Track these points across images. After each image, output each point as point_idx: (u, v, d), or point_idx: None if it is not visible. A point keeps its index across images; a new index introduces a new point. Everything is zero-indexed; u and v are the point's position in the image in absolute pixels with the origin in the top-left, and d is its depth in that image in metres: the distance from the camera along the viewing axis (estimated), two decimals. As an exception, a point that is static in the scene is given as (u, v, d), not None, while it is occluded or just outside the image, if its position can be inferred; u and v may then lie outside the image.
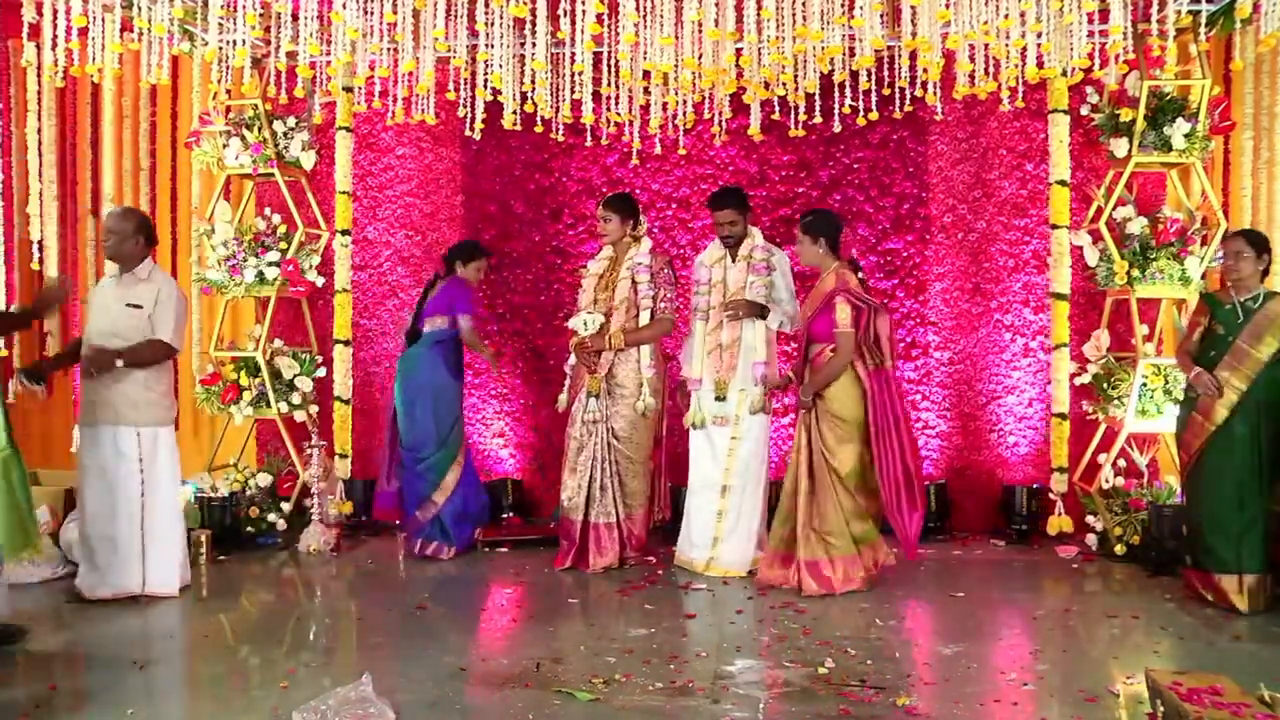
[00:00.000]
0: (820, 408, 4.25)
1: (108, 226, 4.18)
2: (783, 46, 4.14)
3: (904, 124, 5.60)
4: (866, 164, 5.89)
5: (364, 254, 6.13)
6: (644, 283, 4.71)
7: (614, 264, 4.80)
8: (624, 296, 4.72)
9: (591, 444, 4.67)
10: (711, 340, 4.68)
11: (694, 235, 6.03)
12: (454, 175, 6.20)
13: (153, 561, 4.09)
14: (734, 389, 4.61)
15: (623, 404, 4.68)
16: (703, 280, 4.78)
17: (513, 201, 6.19)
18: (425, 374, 4.92)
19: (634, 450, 4.70)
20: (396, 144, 6.16)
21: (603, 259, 4.86)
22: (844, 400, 4.22)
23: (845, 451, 4.21)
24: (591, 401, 4.66)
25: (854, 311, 4.17)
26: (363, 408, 6.06)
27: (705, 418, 4.64)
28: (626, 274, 4.72)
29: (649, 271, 4.71)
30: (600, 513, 4.66)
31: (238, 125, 5.64)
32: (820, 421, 4.25)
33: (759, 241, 4.72)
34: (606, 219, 4.78)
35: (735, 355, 4.60)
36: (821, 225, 4.37)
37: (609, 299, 4.71)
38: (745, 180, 5.89)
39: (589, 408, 4.67)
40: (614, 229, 4.77)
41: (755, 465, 4.64)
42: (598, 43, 4.11)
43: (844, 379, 4.22)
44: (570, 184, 6.14)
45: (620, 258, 4.79)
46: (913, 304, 5.90)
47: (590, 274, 4.84)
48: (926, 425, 5.88)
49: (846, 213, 5.89)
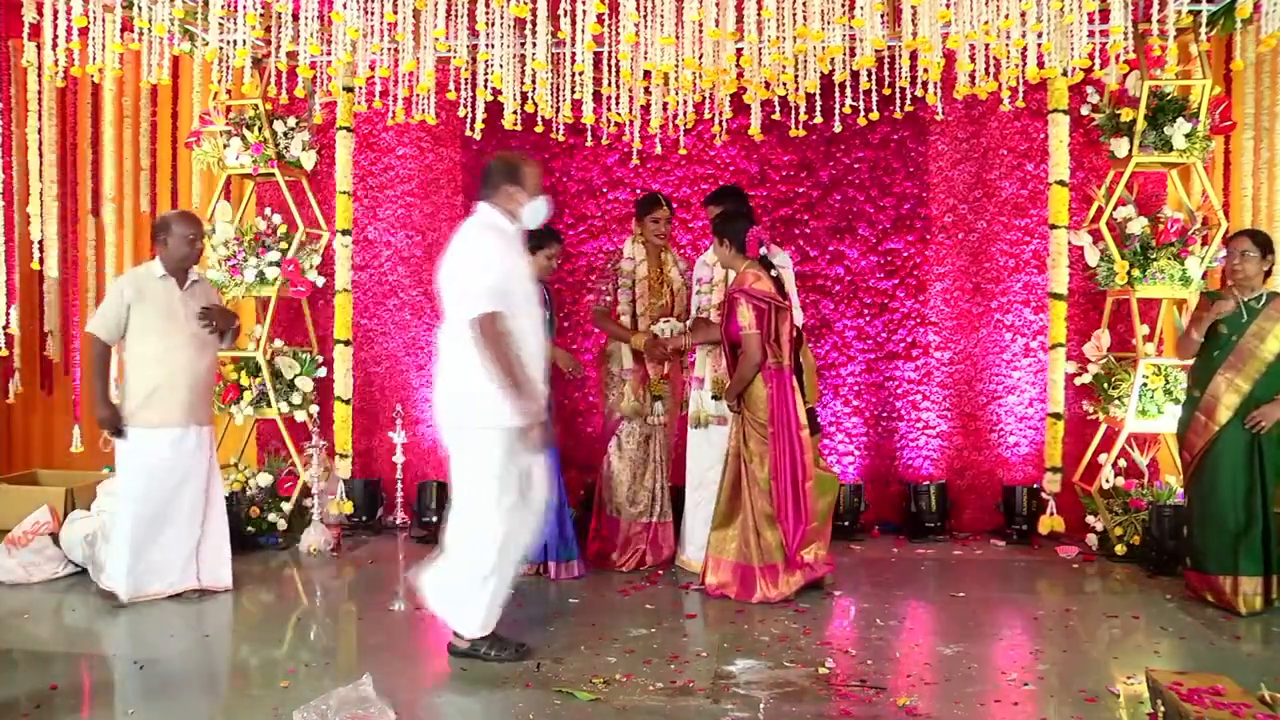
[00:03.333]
0: (745, 413, 4.21)
1: (196, 232, 4.17)
2: (783, 46, 4.13)
3: (904, 124, 5.62)
4: (867, 164, 5.88)
5: (364, 254, 6.12)
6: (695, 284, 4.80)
7: (651, 265, 4.77)
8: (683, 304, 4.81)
9: (652, 445, 4.72)
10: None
11: (694, 235, 6.03)
12: (454, 175, 6.19)
13: (209, 557, 4.23)
14: None
15: (670, 402, 4.80)
16: (704, 279, 4.77)
17: None
18: None
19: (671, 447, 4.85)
20: (397, 144, 6.15)
21: (641, 261, 4.77)
22: (758, 404, 4.17)
23: (764, 456, 4.16)
24: (658, 404, 4.73)
25: (755, 312, 4.08)
26: (363, 407, 6.06)
27: (707, 416, 4.62)
28: (680, 280, 4.82)
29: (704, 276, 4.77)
30: (661, 513, 4.75)
31: (238, 125, 5.63)
32: (745, 425, 4.21)
33: None
34: (666, 219, 4.78)
35: None
36: (724, 226, 4.27)
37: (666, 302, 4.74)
38: (746, 180, 5.88)
39: (657, 410, 4.73)
40: (668, 230, 4.83)
41: None
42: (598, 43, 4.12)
43: (757, 381, 4.16)
44: (571, 184, 6.13)
45: (657, 260, 4.79)
46: (913, 304, 5.89)
47: (639, 278, 4.75)
48: (927, 425, 5.87)
49: (847, 212, 5.90)
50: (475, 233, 3.29)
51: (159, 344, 4.09)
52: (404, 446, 5.64)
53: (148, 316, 4.10)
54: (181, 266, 4.19)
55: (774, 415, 4.14)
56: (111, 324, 4.09)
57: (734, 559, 4.20)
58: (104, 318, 4.10)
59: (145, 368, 4.08)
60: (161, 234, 4.16)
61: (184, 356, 4.14)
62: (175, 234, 4.14)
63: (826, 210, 5.91)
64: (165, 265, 4.17)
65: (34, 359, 6.19)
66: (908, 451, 5.88)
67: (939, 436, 5.85)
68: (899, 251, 5.91)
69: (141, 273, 4.20)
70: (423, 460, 6.07)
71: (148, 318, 4.09)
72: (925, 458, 5.86)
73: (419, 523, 5.69)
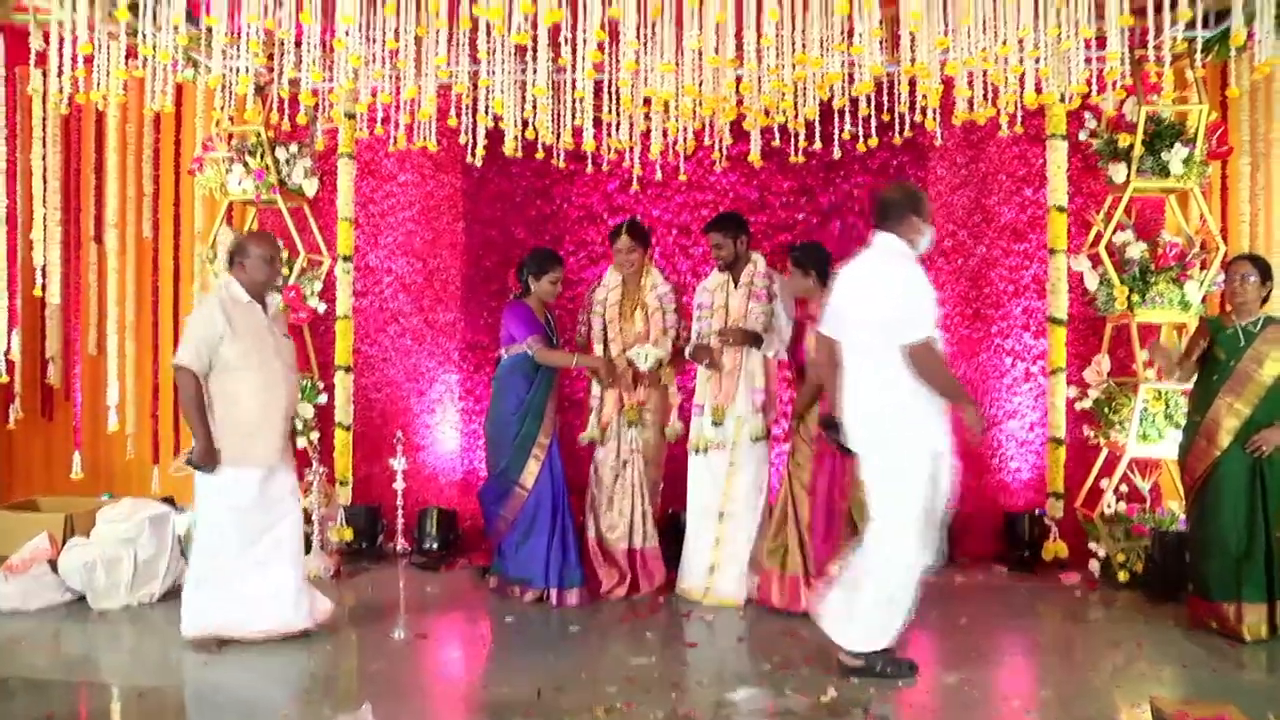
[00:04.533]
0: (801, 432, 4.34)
1: (273, 252, 3.95)
2: (782, 74, 4.14)
3: (904, 149, 5.59)
4: (867, 189, 5.82)
5: (365, 280, 6.07)
6: (670, 311, 4.82)
7: (628, 292, 4.82)
8: (660, 327, 4.79)
9: (629, 472, 4.72)
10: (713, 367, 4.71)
11: (694, 261, 6.02)
12: (455, 202, 6.21)
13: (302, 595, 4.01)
14: (732, 415, 4.59)
15: (652, 430, 4.76)
16: (705, 305, 4.79)
17: (514, 228, 6.18)
18: None
19: (656, 474, 4.79)
20: (398, 170, 6.12)
21: (612, 287, 4.84)
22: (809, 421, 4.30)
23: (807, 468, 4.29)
24: (632, 431, 4.72)
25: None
26: (364, 434, 6.00)
27: (706, 442, 4.63)
28: (656, 303, 4.79)
29: (673, 299, 4.84)
30: (642, 538, 4.71)
31: (240, 152, 5.64)
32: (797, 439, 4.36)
33: (761, 268, 4.72)
34: (631, 249, 4.77)
35: (735, 382, 4.60)
36: (804, 258, 4.40)
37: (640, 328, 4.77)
38: (745, 206, 5.87)
39: (631, 438, 4.72)
40: (638, 259, 4.80)
41: (754, 494, 4.60)
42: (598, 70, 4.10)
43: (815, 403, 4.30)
44: (571, 210, 6.13)
45: (635, 286, 4.82)
46: None
47: (610, 304, 4.82)
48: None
49: (848, 239, 5.81)
50: (897, 261, 3.41)
51: (257, 378, 3.81)
52: (404, 473, 5.58)
53: (244, 347, 3.79)
54: (262, 290, 3.95)
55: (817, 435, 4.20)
56: (205, 356, 3.76)
57: (783, 569, 4.28)
58: (196, 348, 3.75)
59: (242, 403, 3.79)
60: (239, 256, 3.92)
61: (282, 391, 3.89)
62: (253, 255, 3.88)
63: (826, 236, 5.84)
64: (247, 289, 3.90)
65: (35, 385, 6.15)
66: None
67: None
68: None
69: (226, 297, 3.87)
70: (423, 487, 6.01)
71: (244, 348, 3.79)
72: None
73: (419, 549, 5.61)
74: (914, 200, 3.50)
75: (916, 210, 3.48)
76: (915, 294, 3.32)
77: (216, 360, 3.77)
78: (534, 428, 4.60)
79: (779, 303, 4.69)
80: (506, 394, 4.66)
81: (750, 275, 4.70)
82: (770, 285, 4.69)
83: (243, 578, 3.84)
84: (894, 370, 3.30)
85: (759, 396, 4.60)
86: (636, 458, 4.74)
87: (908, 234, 3.47)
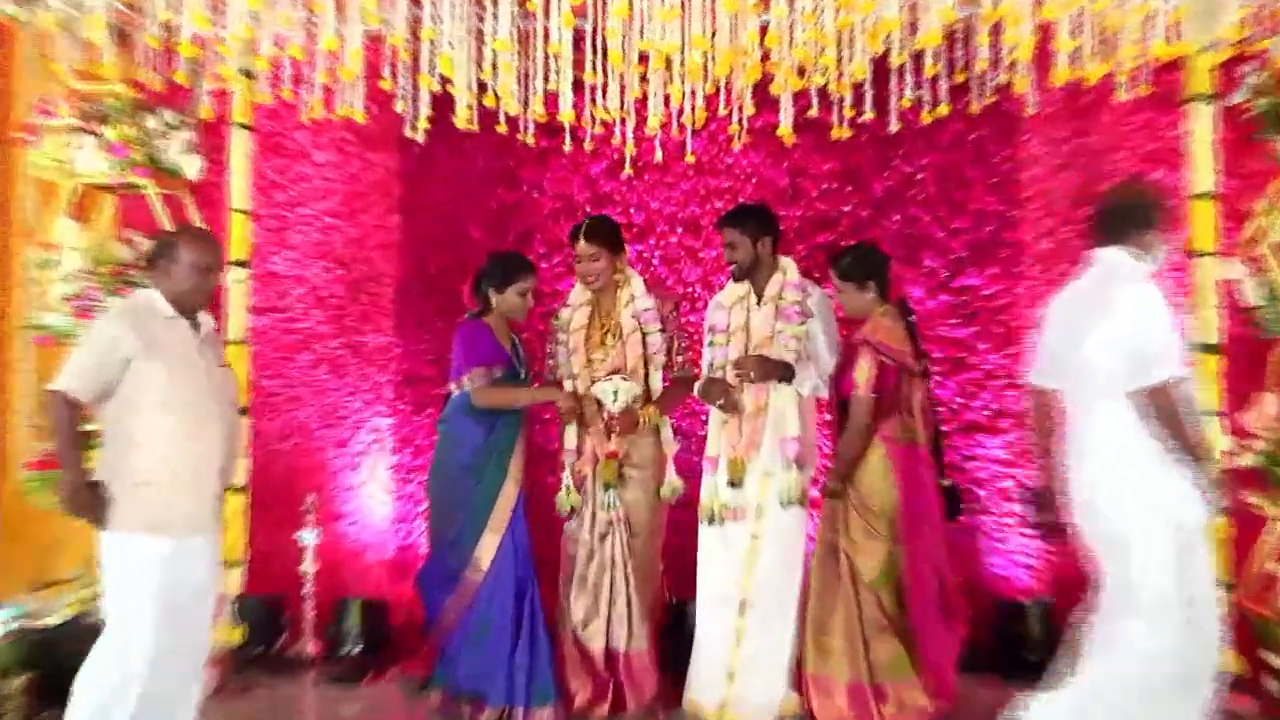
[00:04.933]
0: (851, 496, 4.39)
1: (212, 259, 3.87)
2: (822, 20, 4.07)
3: (984, 120, 5.57)
4: (935, 173, 5.91)
5: (267, 293, 5.98)
6: (654, 333, 4.80)
7: (599, 312, 4.88)
8: (638, 354, 4.77)
9: (608, 547, 4.73)
10: None
11: (706, 268, 6.10)
12: (389, 189, 6.28)
13: None
14: (755, 472, 4.60)
15: (640, 489, 4.76)
16: (719, 327, 4.82)
17: (467, 224, 6.26)
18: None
19: (652, 549, 4.81)
20: (313, 147, 6.13)
21: (580, 306, 4.91)
22: (875, 485, 4.34)
23: (874, 549, 4.33)
24: (610, 495, 4.73)
25: (878, 370, 4.27)
26: (263, 498, 5.84)
27: (722, 508, 4.63)
28: (632, 324, 4.79)
29: (658, 317, 4.82)
30: (626, 637, 4.70)
31: (92, 119, 5.45)
32: (848, 511, 4.40)
33: (792, 277, 4.73)
34: (594, 256, 4.77)
35: (760, 428, 4.60)
36: (865, 265, 4.48)
37: (615, 358, 4.80)
38: (774, 195, 5.92)
39: (606, 502, 4.73)
40: (603, 268, 4.79)
41: (785, 575, 4.60)
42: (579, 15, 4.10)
43: (874, 457, 4.34)
44: (544, 200, 6.20)
45: (610, 303, 4.86)
46: (998, 359, 5.83)
47: (574, 328, 4.87)
48: (1024, 521, 5.72)
49: (909, 237, 5.97)
50: (1130, 283, 3.56)
51: (182, 420, 3.70)
52: (317, 551, 5.56)
53: (163, 377, 3.67)
54: (192, 305, 3.84)
55: (907, 507, 4.29)
56: (99, 383, 3.63)
57: (842, 677, 4.33)
58: (85, 372, 3.63)
59: (156, 452, 3.68)
60: (163, 259, 3.81)
61: (215, 439, 3.80)
62: (182, 262, 3.78)
63: (881, 235, 5.90)
64: (171, 302, 3.79)
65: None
66: (997, 556, 5.81)
67: (1040, 538, 5.61)
68: (978, 289, 5.92)
69: (140, 307, 3.78)
70: (343, 570, 6.01)
71: (163, 379, 3.67)
72: (1022, 566, 5.77)
73: (335, 654, 5.59)
74: (1149, 206, 3.69)
75: (1152, 218, 3.65)
76: (1158, 323, 3.45)
77: (120, 390, 3.64)
78: (494, 488, 4.61)
79: (817, 322, 4.70)
80: (457, 442, 4.68)
81: (778, 287, 4.70)
82: (805, 300, 4.69)
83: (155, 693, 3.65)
84: (1134, 423, 3.45)
85: (791, 447, 4.57)
86: (619, 529, 4.73)
87: (1142, 246, 3.63)
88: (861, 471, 4.37)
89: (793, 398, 4.61)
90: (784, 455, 4.57)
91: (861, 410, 4.29)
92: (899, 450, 4.34)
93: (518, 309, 4.73)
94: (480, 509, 4.61)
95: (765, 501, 4.59)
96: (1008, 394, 5.83)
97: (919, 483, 4.36)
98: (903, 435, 4.36)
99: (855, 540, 4.35)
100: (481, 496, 4.61)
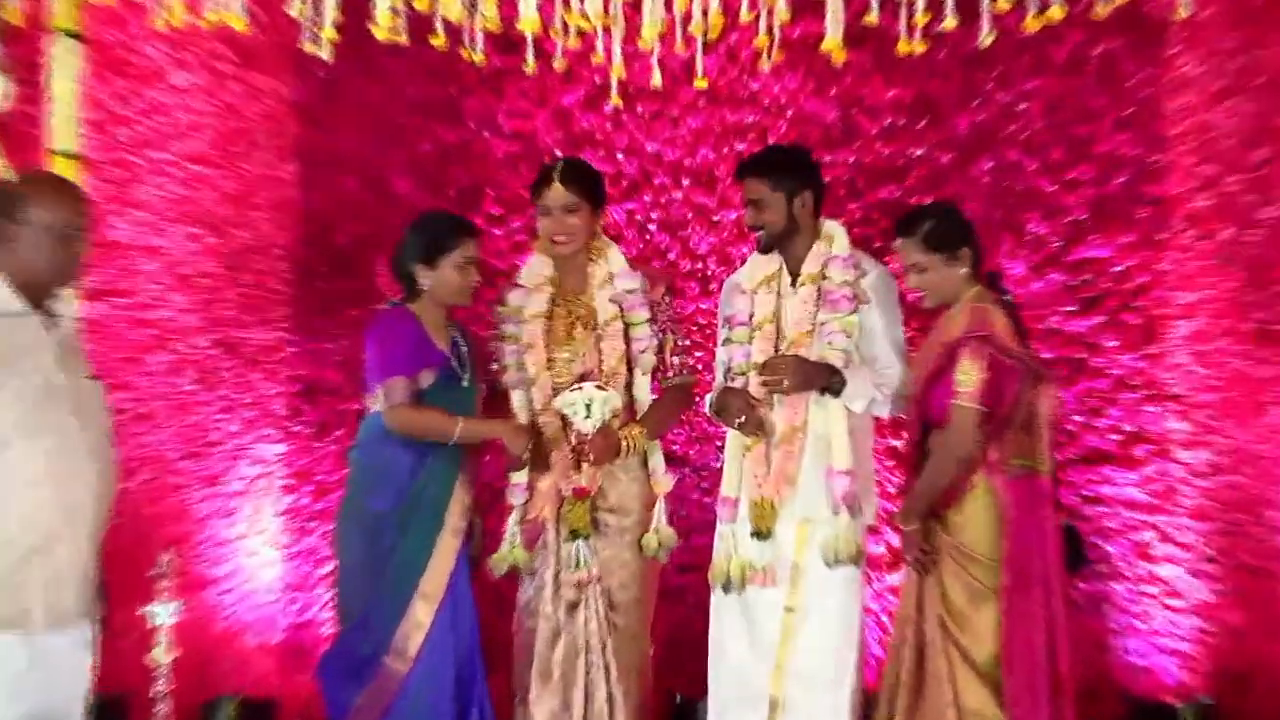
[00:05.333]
0: (942, 541, 4.25)
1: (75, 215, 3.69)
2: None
3: (1114, 26, 5.39)
4: (1043, 104, 5.78)
5: (106, 269, 5.79)
6: (640, 324, 4.67)
7: (564, 295, 4.79)
8: (619, 353, 4.64)
9: (579, 625, 4.60)
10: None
11: (721, 237, 6.05)
12: (281, 126, 6.21)
13: None
14: (789, 519, 4.44)
15: (620, 543, 4.65)
16: (740, 317, 4.66)
17: (391, 175, 6.19)
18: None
19: (640, 626, 4.70)
20: (172, 66, 5.95)
21: (539, 287, 4.78)
22: (981, 527, 4.21)
23: (984, 618, 4.19)
24: (579, 548, 4.57)
25: (989, 373, 4.13)
26: (103, 559, 5.58)
27: (743, 569, 4.46)
28: (611, 310, 4.69)
29: (646, 302, 4.70)
30: None
31: None
32: (946, 564, 4.27)
33: (840, 249, 4.55)
34: (571, 208, 4.63)
35: (795, 457, 4.44)
36: (957, 230, 4.38)
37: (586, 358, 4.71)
38: (818, 135, 5.86)
39: (576, 559, 4.59)
40: (581, 226, 4.65)
41: (833, 664, 4.45)
42: None
43: (979, 490, 4.21)
44: (498, 142, 6.13)
45: (578, 282, 4.77)
46: (1135, 361, 5.73)
47: (530, 315, 4.72)
48: (1170, 589, 5.68)
49: (1006, 193, 5.82)
50: None
51: (37, 454, 3.54)
52: (176, 631, 5.35)
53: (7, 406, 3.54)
54: (46, 287, 3.68)
55: (1014, 550, 4.14)
56: None
57: None
58: None
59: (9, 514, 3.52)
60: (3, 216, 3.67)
61: (86, 479, 3.63)
62: (32, 222, 3.60)
63: (968, 189, 5.82)
64: (18, 285, 3.64)
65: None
66: (1133, 638, 5.69)
67: (1194, 612, 5.60)
68: (1105, 264, 5.77)
69: None
70: (213, 656, 5.93)
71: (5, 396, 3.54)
72: (1169, 651, 5.63)
73: None
74: None
75: None
76: None
77: None
78: (426, 541, 4.50)
79: (875, 311, 4.54)
80: (377, 479, 4.56)
81: (821, 262, 4.53)
82: (858, 280, 4.51)
83: None
84: None
85: (840, 483, 4.36)
86: (594, 599, 4.60)
87: None
88: (960, 510, 4.22)
89: (841, 415, 4.43)
90: (831, 495, 4.37)
91: (966, 425, 4.12)
92: (1013, 483, 4.17)
93: (456, 290, 4.55)
94: (407, 571, 4.48)
95: (805, 560, 4.45)
96: (1146, 410, 5.72)
97: (1036, 525, 4.20)
98: (1019, 463, 4.20)
99: (958, 609, 4.18)
100: (409, 553, 4.49)
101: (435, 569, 4.49)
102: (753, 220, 4.57)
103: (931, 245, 4.33)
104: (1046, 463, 4.28)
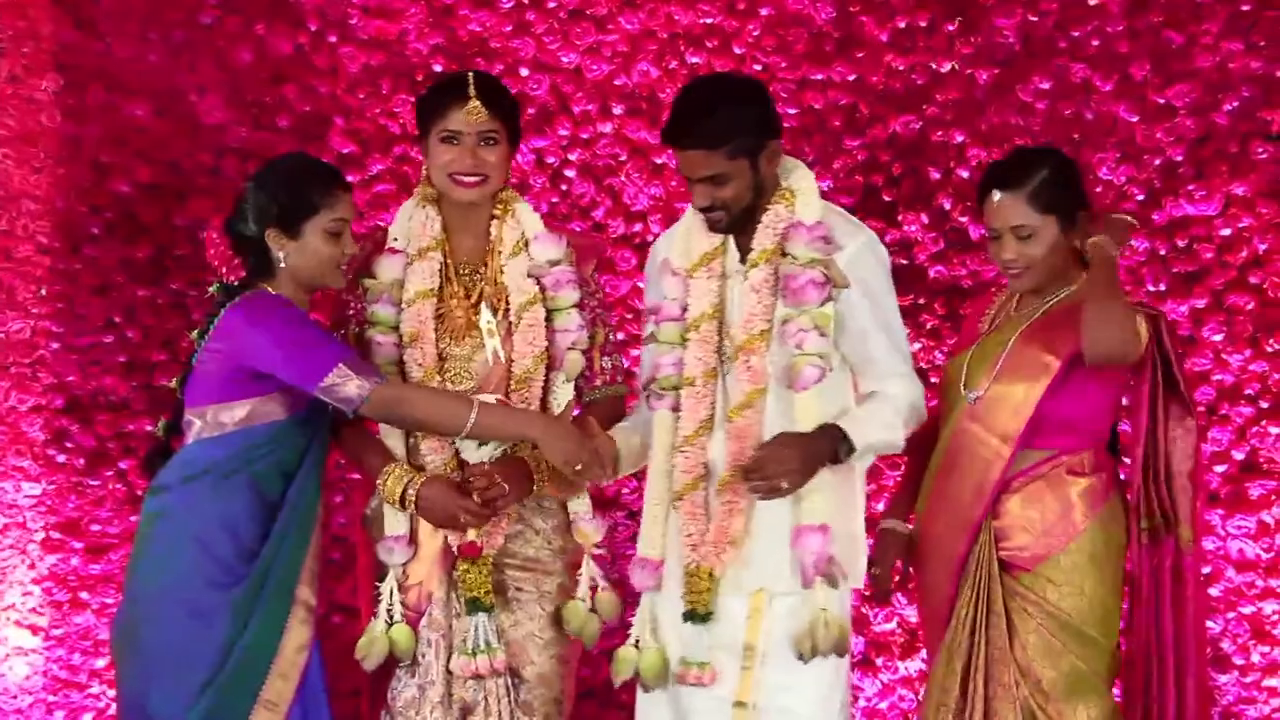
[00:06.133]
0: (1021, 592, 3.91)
1: None
2: None
3: None
4: (1121, 7, 5.31)
5: None
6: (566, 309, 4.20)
7: (456, 266, 4.27)
8: (537, 350, 4.12)
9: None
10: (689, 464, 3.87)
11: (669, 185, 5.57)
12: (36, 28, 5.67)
13: None
14: (737, 589, 3.83)
15: (535, 613, 4.20)
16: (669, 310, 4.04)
17: (195, 94, 5.66)
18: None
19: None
20: None
21: (424, 249, 4.27)
22: (1094, 578, 3.84)
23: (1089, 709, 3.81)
24: (480, 626, 4.10)
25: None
26: None
27: (662, 665, 3.89)
28: (527, 288, 4.22)
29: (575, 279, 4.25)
30: None
31: None
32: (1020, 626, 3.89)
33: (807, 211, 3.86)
34: (490, 135, 4.08)
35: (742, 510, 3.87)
36: (1072, 185, 3.95)
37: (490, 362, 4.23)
38: (803, 44, 5.44)
39: (475, 642, 4.09)
40: (497, 164, 4.10)
41: None
42: None
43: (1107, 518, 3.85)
44: (350, 50, 5.56)
45: (477, 246, 4.28)
46: (1250, 361, 5.33)
47: (416, 293, 4.23)
48: None
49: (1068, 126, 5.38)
50: None
51: None
52: None
53: None
54: None
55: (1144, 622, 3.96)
56: None
57: None
58: None
59: None
60: None
61: None
62: None
63: (1016, 119, 5.46)
64: None
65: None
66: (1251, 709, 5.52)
67: None
68: (1211, 225, 5.33)
69: None
70: None
71: None
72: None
73: None
74: None
75: None
76: None
77: None
78: (274, 625, 3.92)
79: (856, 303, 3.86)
80: (202, 540, 3.93)
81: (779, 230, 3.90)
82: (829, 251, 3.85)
83: None
84: None
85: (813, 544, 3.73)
86: (498, 698, 4.14)
87: None
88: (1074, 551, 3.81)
89: None
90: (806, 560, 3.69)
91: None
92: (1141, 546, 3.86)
93: (325, 264, 3.90)
94: (246, 673, 3.84)
95: (761, 641, 3.78)
96: (1268, 430, 5.21)
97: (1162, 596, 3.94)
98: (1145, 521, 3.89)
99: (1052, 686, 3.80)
100: (253, 641, 3.85)
101: (284, 663, 3.86)
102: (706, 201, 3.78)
103: (1044, 204, 3.80)
104: (1187, 527, 3.85)
